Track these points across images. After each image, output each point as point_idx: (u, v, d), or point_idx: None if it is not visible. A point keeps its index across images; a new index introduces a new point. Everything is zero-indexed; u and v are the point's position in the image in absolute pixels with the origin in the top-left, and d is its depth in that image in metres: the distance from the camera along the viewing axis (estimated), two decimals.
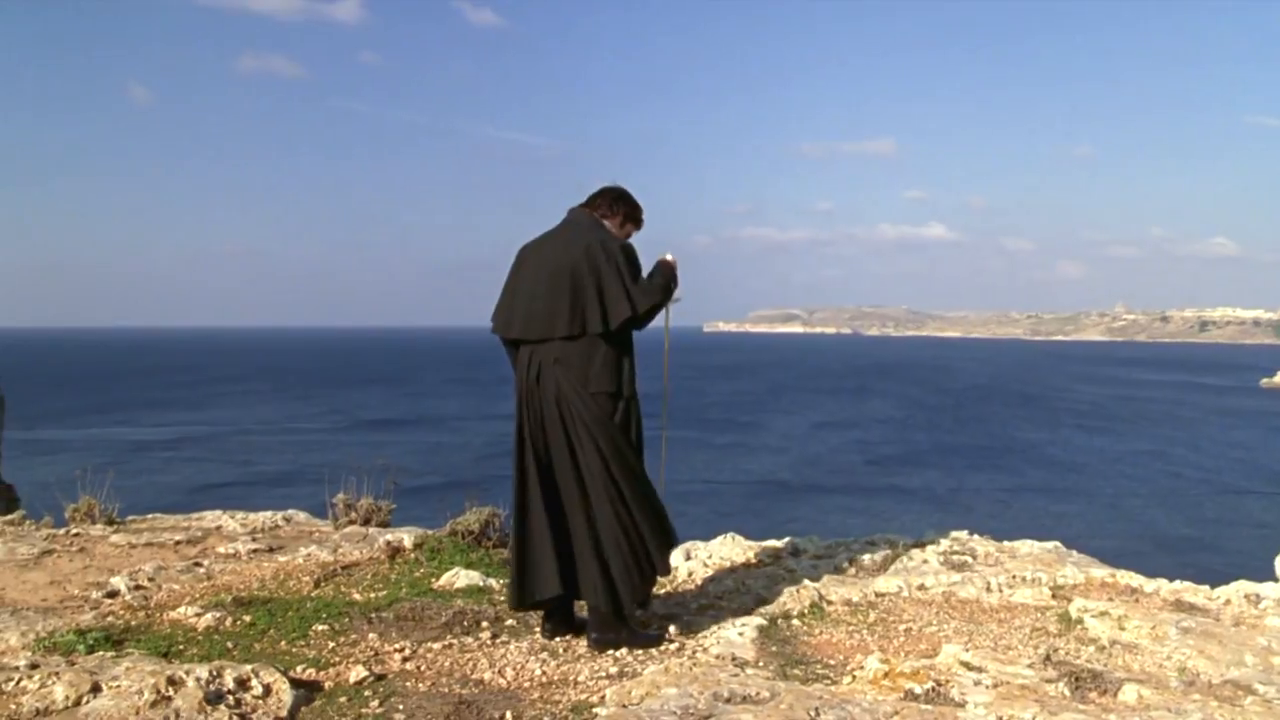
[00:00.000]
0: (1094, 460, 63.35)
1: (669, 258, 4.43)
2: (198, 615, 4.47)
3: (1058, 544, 6.02)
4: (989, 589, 5.14)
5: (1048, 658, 3.93)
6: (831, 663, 4.10)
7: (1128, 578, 5.37)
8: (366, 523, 6.46)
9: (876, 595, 5.05)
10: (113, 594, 4.87)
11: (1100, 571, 5.44)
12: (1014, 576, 5.29)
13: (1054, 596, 5.07)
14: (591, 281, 4.13)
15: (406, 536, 5.87)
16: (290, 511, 6.84)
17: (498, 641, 4.26)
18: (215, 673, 3.52)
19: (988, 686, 3.56)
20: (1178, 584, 5.26)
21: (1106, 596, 5.05)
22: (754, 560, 5.69)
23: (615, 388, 4.20)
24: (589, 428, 4.16)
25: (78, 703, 3.36)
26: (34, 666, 3.63)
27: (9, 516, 6.56)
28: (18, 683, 3.47)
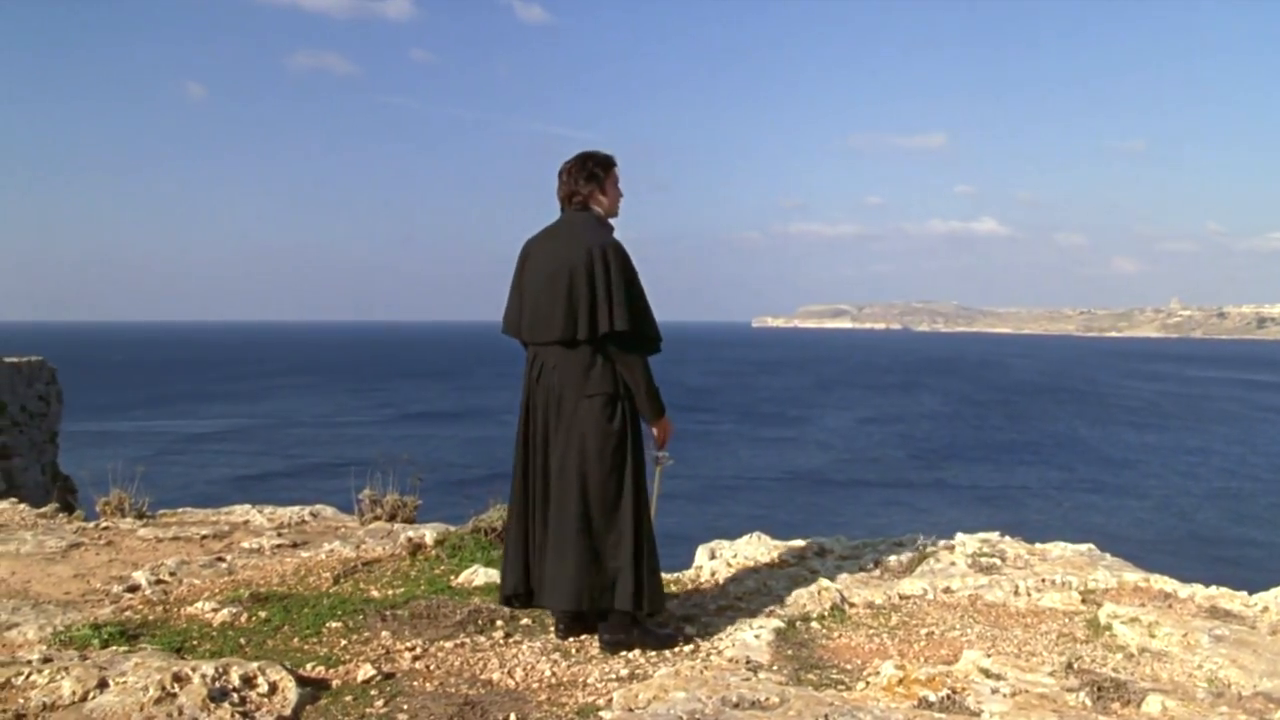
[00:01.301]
0: (1145, 457, 62.60)
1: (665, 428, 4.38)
2: (214, 610, 4.47)
3: (1091, 546, 5.88)
4: (1016, 592, 5.02)
5: (1069, 665, 3.81)
6: (848, 667, 4.01)
7: (1162, 582, 5.22)
8: (392, 519, 6.45)
9: (900, 598, 4.96)
10: (133, 588, 4.89)
11: (1133, 575, 5.30)
12: (1043, 580, 5.16)
13: (1084, 601, 4.93)
14: (585, 289, 4.09)
15: (429, 533, 5.85)
16: (318, 506, 6.85)
17: (510, 641, 4.22)
18: (221, 670, 3.51)
19: (1005, 695, 3.46)
20: (1214, 590, 5.10)
21: (1139, 602, 4.91)
22: (779, 560, 5.60)
23: (614, 389, 4.15)
24: (581, 434, 4.14)
25: (84, 698, 3.36)
26: (46, 660, 3.64)
27: (42, 509, 6.63)
28: (27, 677, 3.48)
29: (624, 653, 4.09)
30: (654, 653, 4.10)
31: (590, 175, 4.33)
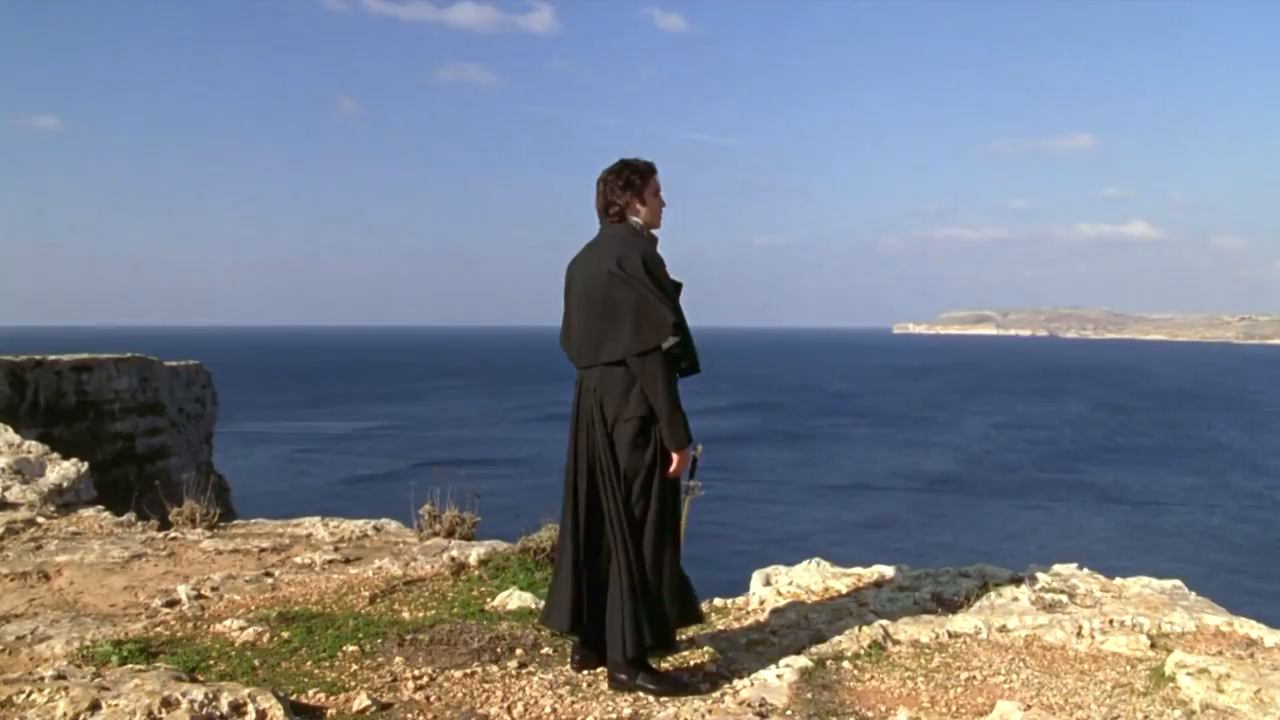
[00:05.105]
0: None
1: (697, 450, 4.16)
2: (240, 629, 4.48)
3: (1177, 583, 5.44)
4: (1079, 634, 4.65)
5: None
6: (869, 714, 3.76)
7: (1247, 627, 4.78)
8: (450, 535, 6.42)
9: (950, 636, 4.64)
10: (173, 602, 4.94)
11: (1215, 619, 4.86)
12: (1110, 621, 4.77)
13: (1152, 646, 4.53)
14: (601, 308, 3.95)
15: (475, 552, 5.78)
16: (382, 521, 6.86)
17: (523, 672, 4.09)
18: (212, 696, 3.49)
19: None
20: None
21: (1215, 649, 4.50)
22: (832, 590, 5.35)
23: (649, 412, 3.96)
24: (613, 460, 3.98)
25: None
26: (58, 677, 3.68)
27: (120, 518, 6.81)
28: (29, 695, 3.52)
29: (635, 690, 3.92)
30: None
31: (627, 183, 4.16)
